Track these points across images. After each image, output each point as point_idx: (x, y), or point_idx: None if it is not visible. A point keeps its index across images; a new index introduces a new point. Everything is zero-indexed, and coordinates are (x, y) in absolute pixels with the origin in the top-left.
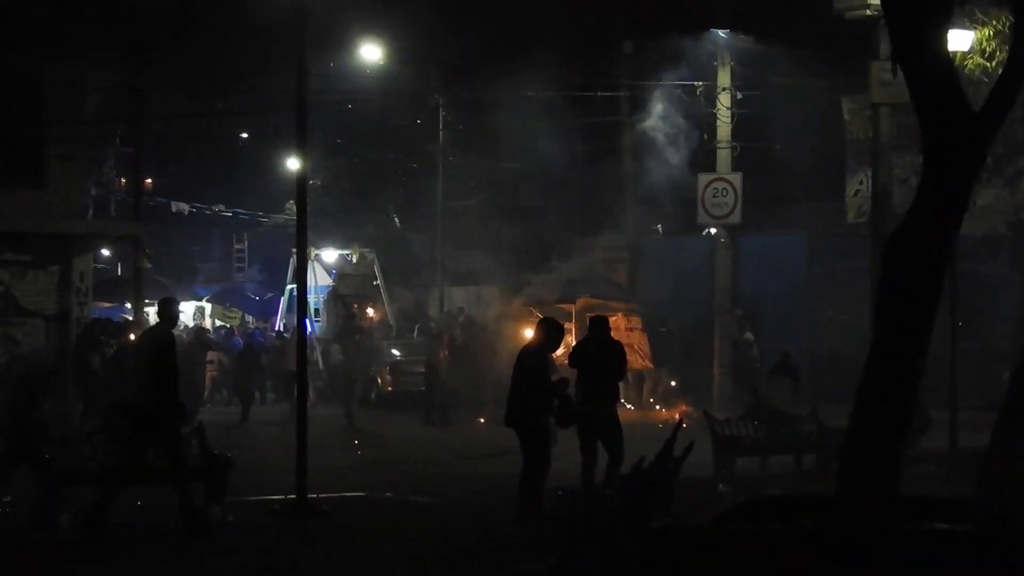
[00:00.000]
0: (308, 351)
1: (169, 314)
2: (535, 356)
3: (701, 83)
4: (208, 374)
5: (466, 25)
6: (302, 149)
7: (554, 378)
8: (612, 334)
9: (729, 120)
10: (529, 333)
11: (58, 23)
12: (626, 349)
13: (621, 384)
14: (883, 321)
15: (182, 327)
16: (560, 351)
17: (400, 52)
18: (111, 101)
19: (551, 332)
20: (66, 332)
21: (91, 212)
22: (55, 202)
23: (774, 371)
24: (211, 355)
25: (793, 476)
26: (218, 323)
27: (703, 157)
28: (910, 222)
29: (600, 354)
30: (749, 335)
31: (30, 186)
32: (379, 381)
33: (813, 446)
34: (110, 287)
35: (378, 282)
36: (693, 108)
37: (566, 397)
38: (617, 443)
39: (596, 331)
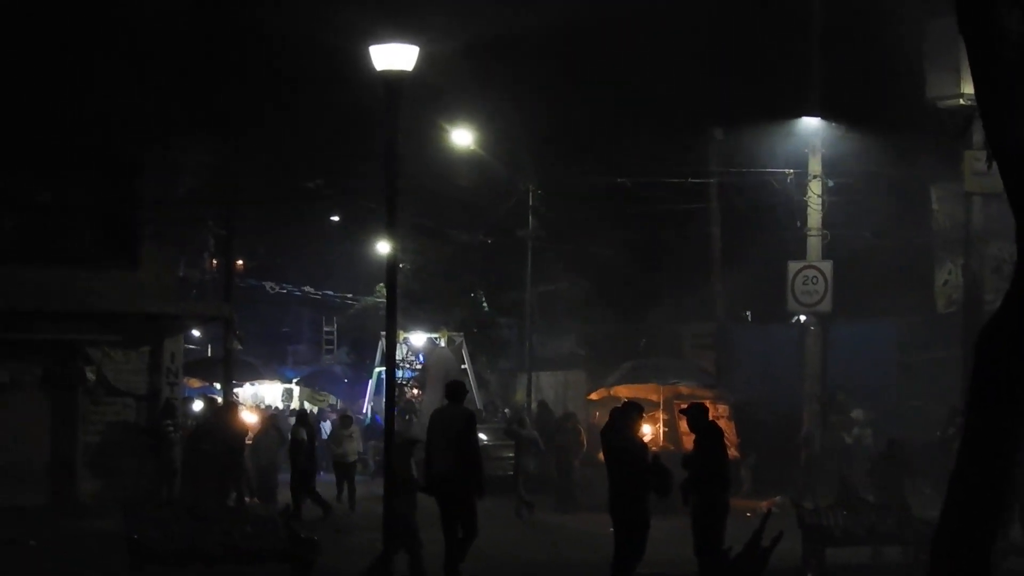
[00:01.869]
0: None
1: (459, 394)
2: (619, 441)
3: (792, 171)
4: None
5: (557, 111)
6: (392, 233)
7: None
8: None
9: (820, 207)
10: None
11: (152, 106)
12: None
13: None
14: (976, 412)
15: (274, 407)
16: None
17: (491, 137)
18: (204, 182)
19: (628, 416)
20: (156, 412)
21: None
22: (147, 283)
23: (880, 459)
24: None
25: (882, 568)
26: (306, 404)
27: (794, 244)
28: (1003, 313)
29: (698, 440)
30: (858, 431)
31: (123, 267)
32: None
33: (903, 537)
34: (201, 367)
35: (465, 366)
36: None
37: (661, 467)
38: (704, 530)
39: (692, 420)
